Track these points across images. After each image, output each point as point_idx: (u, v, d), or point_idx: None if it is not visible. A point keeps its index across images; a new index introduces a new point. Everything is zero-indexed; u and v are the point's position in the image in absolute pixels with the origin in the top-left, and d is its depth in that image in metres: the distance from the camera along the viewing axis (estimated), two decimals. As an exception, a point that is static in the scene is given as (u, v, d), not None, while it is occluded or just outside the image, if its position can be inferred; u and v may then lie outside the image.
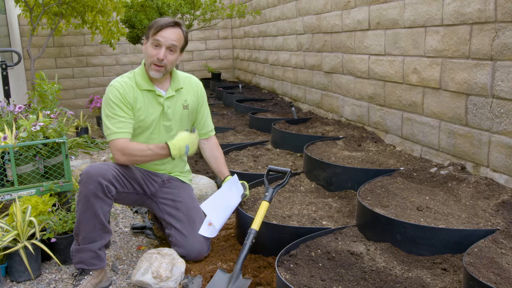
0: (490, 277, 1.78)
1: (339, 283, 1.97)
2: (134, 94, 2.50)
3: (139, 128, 2.54)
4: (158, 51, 2.45)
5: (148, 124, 2.55)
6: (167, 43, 2.45)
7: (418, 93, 3.37)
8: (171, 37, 2.45)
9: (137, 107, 2.51)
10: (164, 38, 2.44)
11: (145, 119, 2.53)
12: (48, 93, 4.26)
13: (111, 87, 2.49)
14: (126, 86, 2.49)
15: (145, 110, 2.53)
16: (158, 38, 2.44)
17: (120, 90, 2.46)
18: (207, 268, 2.43)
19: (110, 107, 2.45)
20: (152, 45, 2.47)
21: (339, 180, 3.04)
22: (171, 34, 2.45)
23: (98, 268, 2.34)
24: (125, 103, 2.46)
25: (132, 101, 2.49)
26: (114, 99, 2.45)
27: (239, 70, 8.63)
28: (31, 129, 2.88)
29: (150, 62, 2.47)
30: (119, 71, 8.02)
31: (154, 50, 2.46)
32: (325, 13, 4.74)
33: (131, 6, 6.28)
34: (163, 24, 2.45)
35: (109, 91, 2.48)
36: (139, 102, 2.51)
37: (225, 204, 2.56)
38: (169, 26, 2.46)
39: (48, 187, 2.86)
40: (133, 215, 3.39)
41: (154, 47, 2.46)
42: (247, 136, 4.70)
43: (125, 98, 2.46)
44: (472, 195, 2.55)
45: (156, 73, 2.49)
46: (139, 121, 2.52)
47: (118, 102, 2.45)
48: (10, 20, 6.84)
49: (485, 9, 2.69)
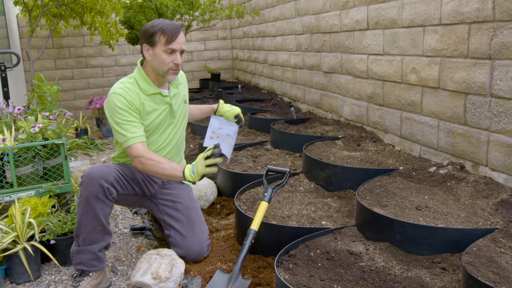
0: (489, 276, 1.78)
1: (338, 283, 1.97)
2: (140, 99, 2.49)
3: (147, 132, 2.54)
4: (174, 57, 2.46)
5: (157, 125, 2.56)
6: (181, 48, 2.49)
7: (417, 92, 3.37)
8: (182, 42, 2.49)
9: (146, 111, 2.50)
10: (179, 45, 2.47)
11: (154, 120, 2.54)
12: (47, 95, 4.26)
13: (115, 95, 2.44)
14: (131, 93, 2.47)
15: (154, 113, 2.53)
16: (173, 46, 2.44)
17: (127, 96, 2.44)
18: (207, 268, 2.43)
19: (119, 114, 2.42)
20: (165, 52, 2.45)
21: (338, 180, 3.04)
22: (182, 38, 2.48)
23: (98, 269, 2.34)
24: (133, 109, 2.45)
25: (139, 106, 2.48)
26: (121, 106, 2.42)
27: (239, 70, 8.63)
28: (30, 130, 2.88)
29: (167, 69, 2.48)
30: (118, 72, 8.02)
31: (169, 56, 2.46)
32: (324, 13, 4.74)
33: (130, 7, 6.29)
34: (175, 31, 2.44)
35: (114, 98, 2.43)
36: (147, 107, 2.51)
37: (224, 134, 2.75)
38: (179, 32, 2.47)
39: (48, 189, 2.86)
40: (133, 216, 3.39)
41: (169, 54, 2.46)
42: (246, 136, 4.70)
43: (132, 104, 2.44)
44: (471, 194, 2.55)
45: (174, 77, 2.54)
46: (148, 124, 2.52)
47: (126, 108, 2.42)
48: (9, 22, 6.84)
49: (483, 8, 2.70)
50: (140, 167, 2.42)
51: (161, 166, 2.39)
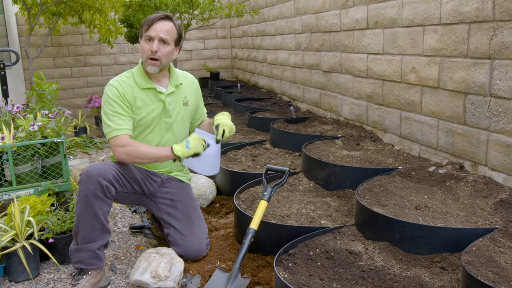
0: (488, 276, 1.78)
1: (337, 282, 1.97)
2: (133, 93, 2.50)
3: (140, 127, 2.54)
4: (151, 44, 2.46)
5: (149, 122, 2.55)
6: (159, 35, 2.45)
7: (416, 92, 3.37)
8: (162, 29, 2.46)
9: (137, 106, 2.50)
10: (155, 31, 2.45)
11: (146, 116, 2.53)
12: (47, 93, 4.25)
13: (109, 86, 2.49)
14: (125, 85, 2.49)
15: (146, 108, 2.53)
16: (150, 32, 2.46)
17: (119, 88, 2.47)
18: (206, 267, 2.43)
19: (109, 105, 2.45)
20: (145, 41, 2.49)
21: (337, 179, 3.04)
22: (162, 26, 2.47)
23: (97, 268, 2.34)
24: (124, 102, 2.46)
25: (131, 100, 2.49)
26: (113, 97, 2.45)
27: (238, 69, 8.62)
28: (29, 129, 2.87)
29: (146, 58, 2.48)
30: (117, 71, 8.01)
31: (147, 44, 2.47)
32: (324, 12, 4.74)
33: (129, 5, 6.27)
34: (154, 18, 2.48)
35: (108, 90, 2.48)
36: (139, 101, 2.51)
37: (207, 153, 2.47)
38: (160, 19, 2.48)
39: (47, 187, 2.85)
40: (132, 215, 3.38)
41: (147, 42, 2.48)
42: (246, 135, 4.70)
43: (124, 97, 2.46)
44: (470, 194, 2.55)
45: (153, 67, 2.49)
46: (140, 119, 2.52)
47: (117, 100, 2.45)
48: (8, 20, 6.83)
49: (483, 8, 2.70)
50: (125, 157, 2.41)
51: (143, 149, 2.41)
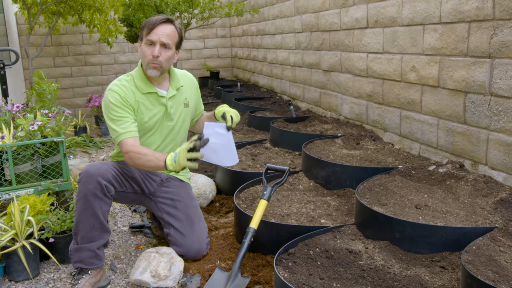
0: (488, 275, 1.78)
1: (337, 281, 1.97)
2: (135, 97, 2.47)
3: (142, 131, 2.52)
4: (152, 49, 2.42)
5: (151, 126, 2.54)
6: (160, 40, 2.41)
7: (416, 91, 3.37)
8: (163, 34, 2.42)
9: (139, 110, 2.49)
10: (157, 35, 2.41)
11: (149, 121, 2.51)
12: (46, 92, 4.25)
13: (110, 91, 2.44)
14: (126, 90, 2.46)
15: (148, 113, 2.51)
16: (151, 36, 2.41)
17: (121, 93, 2.43)
18: (206, 267, 2.43)
19: (113, 110, 2.41)
20: (146, 44, 2.44)
21: (337, 178, 3.04)
22: (164, 30, 2.42)
23: (97, 267, 2.34)
24: (127, 106, 2.43)
25: (133, 104, 2.46)
26: (115, 102, 2.41)
27: (238, 68, 8.62)
28: (29, 128, 2.87)
29: (147, 62, 2.45)
30: (117, 70, 8.01)
31: (149, 49, 2.43)
32: (324, 11, 4.73)
33: (129, 4, 6.27)
34: (155, 22, 2.43)
35: (109, 95, 2.43)
36: (141, 105, 2.49)
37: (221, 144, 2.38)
38: (161, 23, 2.43)
39: (46, 186, 2.85)
40: (132, 214, 3.38)
41: (148, 46, 2.43)
42: (246, 134, 4.70)
43: (126, 101, 2.43)
44: (470, 193, 2.55)
45: (154, 71, 2.46)
46: (142, 123, 2.50)
47: (120, 104, 2.41)
48: (8, 19, 6.82)
49: (483, 7, 2.69)
50: (130, 162, 2.38)
51: (146, 158, 2.33)
